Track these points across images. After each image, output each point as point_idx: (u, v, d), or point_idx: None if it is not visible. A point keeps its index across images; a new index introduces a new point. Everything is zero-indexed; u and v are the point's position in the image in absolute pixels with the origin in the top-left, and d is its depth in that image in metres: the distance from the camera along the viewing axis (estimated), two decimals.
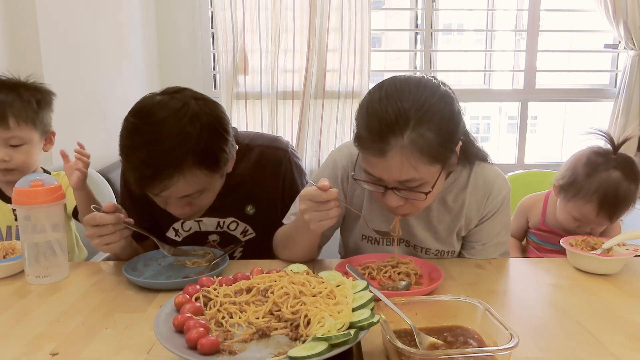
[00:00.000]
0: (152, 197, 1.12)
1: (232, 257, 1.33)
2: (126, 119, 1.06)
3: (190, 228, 1.33)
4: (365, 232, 1.27)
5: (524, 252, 1.61)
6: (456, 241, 1.24)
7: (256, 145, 1.31)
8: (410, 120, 0.94)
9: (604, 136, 1.36)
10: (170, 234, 1.35)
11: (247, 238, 1.34)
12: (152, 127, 1.02)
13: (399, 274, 1.09)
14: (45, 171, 1.44)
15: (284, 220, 1.27)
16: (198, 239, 1.34)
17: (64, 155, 1.23)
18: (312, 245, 1.18)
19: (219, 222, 1.31)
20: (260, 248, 1.30)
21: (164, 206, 1.15)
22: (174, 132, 1.01)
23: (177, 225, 1.33)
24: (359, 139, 1.01)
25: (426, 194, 1.00)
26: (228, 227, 1.32)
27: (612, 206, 1.32)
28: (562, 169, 1.42)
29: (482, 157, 1.20)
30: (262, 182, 1.30)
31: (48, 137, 1.39)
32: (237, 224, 1.32)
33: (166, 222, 1.33)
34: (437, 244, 1.23)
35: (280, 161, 1.31)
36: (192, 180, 1.06)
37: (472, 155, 1.18)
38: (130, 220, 1.11)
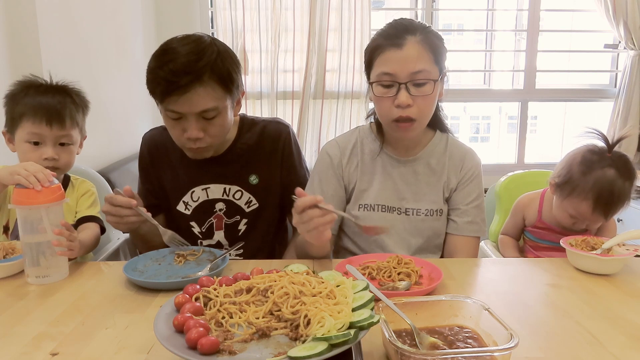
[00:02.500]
0: (171, 124, 1.25)
1: (237, 230, 1.43)
2: (154, 52, 1.23)
3: (199, 197, 1.41)
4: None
5: (522, 252, 1.61)
6: (442, 201, 1.35)
7: (260, 121, 1.47)
8: (418, 28, 1.22)
9: (598, 135, 1.39)
10: (181, 207, 1.43)
11: (250, 209, 1.43)
12: (176, 49, 1.20)
13: (399, 274, 1.09)
14: (66, 175, 1.44)
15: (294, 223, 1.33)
16: (206, 209, 1.42)
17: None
18: (326, 255, 1.26)
19: (224, 189, 1.41)
20: (263, 218, 1.43)
21: (181, 136, 1.25)
22: (195, 50, 1.19)
23: (186, 197, 1.42)
24: (375, 47, 1.23)
25: (435, 81, 1.21)
26: (233, 196, 1.41)
27: (607, 203, 1.34)
28: (558, 168, 1.45)
29: (449, 129, 1.41)
30: (263, 152, 1.42)
31: (81, 141, 1.43)
32: (242, 193, 1.41)
33: (176, 197, 1.43)
34: (427, 204, 1.34)
35: (280, 134, 1.44)
36: (209, 94, 1.20)
37: (444, 124, 1.40)
38: (141, 209, 1.20)
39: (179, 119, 1.23)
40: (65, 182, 1.42)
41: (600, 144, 1.38)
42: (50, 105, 1.30)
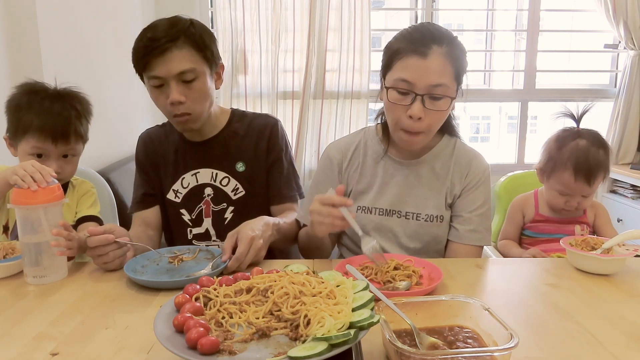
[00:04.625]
0: (156, 94, 1.31)
1: (224, 219, 1.46)
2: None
3: (189, 184, 1.46)
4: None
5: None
6: (444, 207, 1.32)
7: (250, 114, 1.54)
8: (445, 38, 1.17)
9: (567, 114, 1.54)
10: (171, 195, 1.47)
11: (237, 197, 1.46)
12: (155, 25, 1.30)
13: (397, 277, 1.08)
14: None
15: (297, 217, 1.42)
16: (195, 194, 1.46)
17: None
18: (324, 245, 1.33)
19: (212, 174, 1.46)
20: (249, 206, 1.46)
21: (167, 104, 1.30)
22: (170, 22, 1.30)
23: (176, 185, 1.46)
24: (398, 50, 1.18)
25: (452, 98, 1.19)
26: (220, 182, 1.46)
27: (586, 169, 1.43)
28: (539, 155, 1.57)
29: (458, 134, 1.38)
30: (250, 141, 1.47)
31: (83, 146, 1.42)
32: (229, 180, 1.45)
33: (168, 185, 1.47)
34: (427, 209, 1.32)
35: (268, 124, 1.50)
36: (185, 56, 1.28)
37: (454, 128, 1.37)
38: (124, 239, 1.15)
39: (161, 86, 1.29)
40: (65, 182, 1.41)
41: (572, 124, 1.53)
42: (56, 122, 1.29)
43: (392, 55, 1.20)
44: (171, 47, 1.26)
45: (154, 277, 1.11)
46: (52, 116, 1.29)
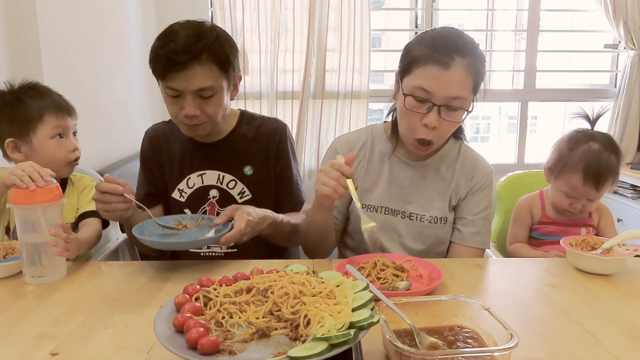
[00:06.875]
0: (170, 101, 1.29)
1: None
2: (158, 34, 1.29)
3: (194, 184, 1.45)
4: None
5: None
6: (448, 209, 1.33)
7: (259, 117, 1.52)
8: (468, 49, 1.16)
9: (581, 115, 1.53)
10: (176, 195, 1.47)
11: (243, 200, 1.45)
12: (178, 31, 1.26)
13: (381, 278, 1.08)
14: None
15: (302, 212, 1.40)
16: (200, 195, 1.45)
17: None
18: (326, 227, 1.27)
19: (219, 176, 1.45)
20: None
21: (179, 113, 1.30)
22: (194, 33, 1.26)
23: (182, 185, 1.46)
24: (420, 56, 1.17)
25: (468, 111, 1.19)
26: (227, 185, 1.45)
27: (595, 174, 1.41)
28: (549, 153, 1.55)
29: (465, 136, 1.39)
30: (259, 145, 1.46)
31: None
32: (236, 183, 1.45)
33: (173, 184, 1.47)
34: (431, 210, 1.32)
35: (277, 129, 1.48)
36: (206, 73, 1.26)
37: (461, 130, 1.36)
38: (130, 196, 1.18)
39: (178, 96, 1.28)
40: (64, 180, 1.42)
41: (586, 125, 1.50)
42: (60, 99, 1.36)
43: (412, 61, 1.18)
44: (194, 65, 1.23)
45: (161, 239, 1.15)
46: (52, 96, 1.35)
